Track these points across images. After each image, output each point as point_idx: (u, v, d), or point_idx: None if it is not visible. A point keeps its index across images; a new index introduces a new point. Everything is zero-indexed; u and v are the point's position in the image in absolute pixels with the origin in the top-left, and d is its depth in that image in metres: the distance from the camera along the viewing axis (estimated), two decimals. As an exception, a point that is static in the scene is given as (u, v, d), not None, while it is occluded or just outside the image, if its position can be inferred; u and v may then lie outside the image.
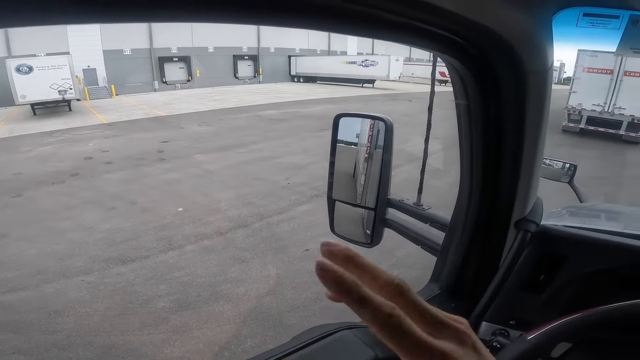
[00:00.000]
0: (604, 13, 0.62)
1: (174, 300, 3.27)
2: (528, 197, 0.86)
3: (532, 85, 0.67)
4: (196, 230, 4.51)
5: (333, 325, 0.75)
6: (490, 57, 0.63)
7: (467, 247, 0.91)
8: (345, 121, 1.00)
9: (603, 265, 0.84)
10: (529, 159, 0.78)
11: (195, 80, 23.16)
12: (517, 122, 0.72)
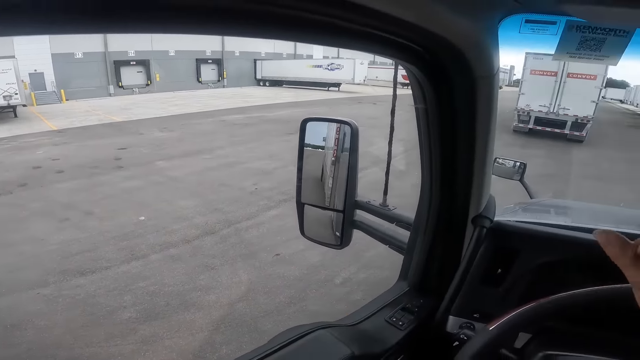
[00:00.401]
0: (543, 19, 0.66)
1: (140, 310, 3.13)
2: (482, 195, 0.90)
3: (480, 88, 0.71)
4: (161, 239, 4.34)
5: (308, 326, 0.76)
6: (443, 62, 0.66)
7: (431, 244, 0.95)
8: (312, 125, 1.01)
9: (552, 257, 0.90)
10: (480, 158, 0.83)
11: (155, 84, 22.24)
12: (469, 124, 0.77)
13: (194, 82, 24.27)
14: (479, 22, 0.62)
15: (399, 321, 0.88)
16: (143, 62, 21.78)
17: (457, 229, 0.93)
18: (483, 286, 0.93)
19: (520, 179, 1.93)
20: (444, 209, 0.90)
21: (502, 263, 0.93)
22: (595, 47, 0.66)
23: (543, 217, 1.63)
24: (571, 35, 0.66)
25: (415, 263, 0.99)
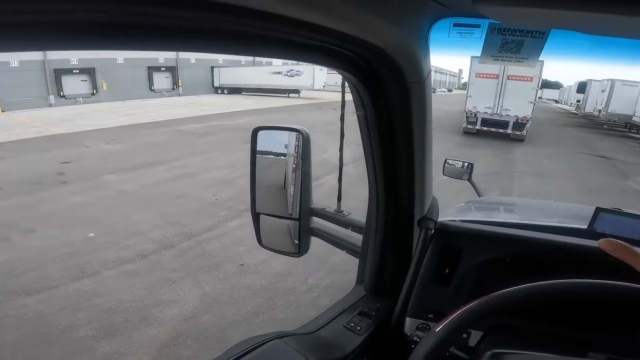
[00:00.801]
0: (468, 23, 0.68)
1: (97, 328, 2.94)
2: (424, 197, 0.93)
3: (413, 93, 0.74)
4: (114, 255, 4.08)
5: (263, 336, 0.74)
6: (377, 69, 0.68)
7: (381, 247, 0.97)
8: (270, 133, 1.00)
9: (493, 254, 0.94)
10: (419, 161, 0.86)
11: (101, 93, 20.90)
12: (405, 128, 0.79)
13: (146, 90, 23.14)
14: (409, 28, 0.64)
15: (357, 326, 0.89)
16: (87, 71, 20.39)
17: (404, 231, 0.96)
18: (434, 286, 0.96)
19: (468, 179, 2.04)
20: (390, 213, 0.93)
21: (449, 263, 0.96)
22: (516, 49, 0.68)
23: (488, 215, 1.74)
24: (493, 38, 0.68)
25: (369, 267, 1.01)
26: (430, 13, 0.65)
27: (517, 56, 0.69)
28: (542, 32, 0.66)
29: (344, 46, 0.59)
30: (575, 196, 6.51)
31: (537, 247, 0.92)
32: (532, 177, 7.76)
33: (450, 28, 0.69)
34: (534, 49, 0.68)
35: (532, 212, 1.87)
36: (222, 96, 25.53)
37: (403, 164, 0.85)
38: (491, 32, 0.68)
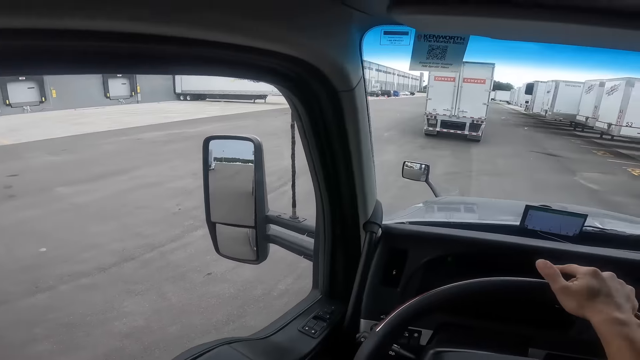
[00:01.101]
0: (397, 30, 0.70)
1: (57, 342, 2.78)
2: (367, 201, 0.96)
3: (345, 102, 0.76)
4: (69, 269, 3.84)
5: (210, 343, 0.73)
6: (307, 81, 0.70)
7: (331, 252, 0.99)
8: (222, 143, 1.00)
9: (435, 254, 0.98)
10: (358, 167, 0.88)
11: (51, 101, 19.54)
12: (340, 137, 0.81)
13: (101, 98, 21.92)
14: (336, 40, 0.65)
15: (312, 329, 0.90)
16: (35, 77, 19.02)
17: (351, 235, 0.98)
18: (384, 287, 0.99)
19: (425, 180, 2.12)
20: (336, 218, 0.95)
21: (396, 264, 1.00)
22: (441, 56, 0.70)
23: (437, 215, 1.79)
24: (420, 45, 0.70)
25: (322, 271, 1.03)
26: (360, 23, 0.67)
27: (442, 62, 0.71)
28: (463, 38, 0.69)
29: (273, 62, 0.61)
30: (526, 193, 6.97)
31: (474, 246, 0.98)
32: (488, 176, 8.21)
33: (381, 36, 0.71)
34: (457, 55, 0.70)
35: (479, 210, 1.96)
36: (185, 103, 24.75)
37: (342, 171, 0.87)
38: (418, 39, 0.70)
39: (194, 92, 25.75)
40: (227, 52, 0.50)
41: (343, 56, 0.68)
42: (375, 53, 0.74)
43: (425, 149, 10.98)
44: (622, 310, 0.54)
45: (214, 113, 18.23)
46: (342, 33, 0.66)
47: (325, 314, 0.95)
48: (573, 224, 1.03)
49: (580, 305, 0.56)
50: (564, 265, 0.62)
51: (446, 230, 1.03)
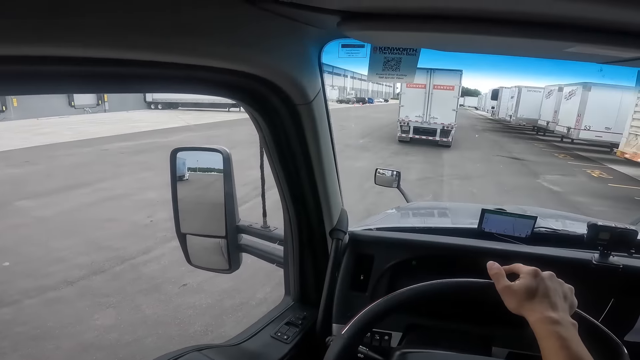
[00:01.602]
0: (354, 43, 0.72)
1: (25, 355, 2.66)
2: (332, 209, 0.98)
3: (303, 114, 0.77)
4: (34, 283, 3.65)
5: (179, 350, 0.73)
6: (265, 96, 0.71)
7: (300, 259, 1.01)
8: (190, 154, 1.00)
9: (399, 258, 1.02)
10: (321, 177, 0.90)
11: (11, 110, 18.46)
12: (301, 148, 0.83)
13: (65, 106, 20.93)
14: (292, 54, 0.67)
15: (284, 335, 0.91)
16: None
17: (318, 242, 1.01)
18: (353, 292, 1.01)
19: (397, 186, 2.16)
20: (302, 226, 0.97)
21: (363, 269, 1.03)
22: (395, 67, 0.73)
23: (405, 221, 1.84)
24: (376, 57, 0.72)
25: (292, 277, 1.04)
26: (316, 37, 0.69)
27: (397, 73, 0.73)
28: (415, 50, 0.71)
29: (228, 78, 0.61)
30: (494, 195, 7.26)
31: (436, 250, 1.03)
32: (458, 180, 8.50)
33: (339, 49, 0.73)
34: (410, 66, 0.72)
35: (443, 215, 2.03)
36: (155, 112, 24.06)
37: (306, 181, 0.89)
38: (373, 52, 0.72)
39: (166, 101, 25.09)
40: (182, 71, 0.51)
41: (299, 71, 0.70)
42: (336, 65, 0.76)
43: (399, 155, 11.23)
44: (557, 309, 0.56)
45: (186, 122, 17.85)
46: (298, 48, 0.68)
47: (298, 319, 0.96)
48: (525, 225, 1.08)
49: (520, 305, 0.59)
50: (510, 266, 0.65)
51: (410, 235, 1.07)
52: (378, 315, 0.67)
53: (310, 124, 0.80)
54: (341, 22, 0.57)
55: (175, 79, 0.54)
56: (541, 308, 0.56)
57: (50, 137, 13.10)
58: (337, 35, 0.69)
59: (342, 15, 0.55)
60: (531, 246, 1.03)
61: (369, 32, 0.59)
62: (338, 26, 0.58)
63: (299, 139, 0.81)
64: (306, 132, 0.80)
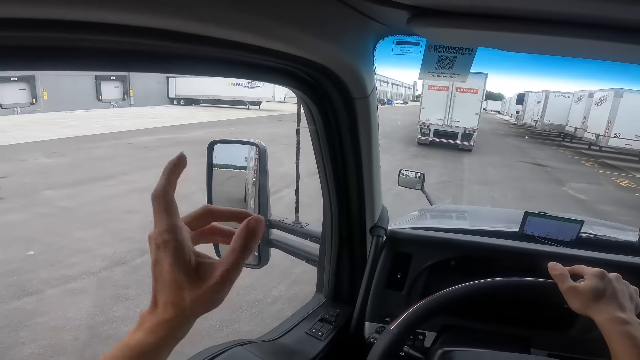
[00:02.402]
0: (409, 41, 0.72)
1: (44, 346, 2.74)
2: (374, 206, 0.98)
3: (359, 108, 0.78)
4: (57, 273, 3.78)
5: (223, 345, 0.74)
6: (324, 86, 0.72)
7: (338, 256, 1.01)
8: (230, 147, 1.01)
9: (439, 258, 1.01)
10: (368, 172, 0.90)
11: (41, 103, 19.30)
12: (353, 142, 0.84)
13: (93, 100, 21.73)
14: (353, 47, 0.68)
15: (319, 332, 0.91)
16: (27, 79, 18.77)
17: (358, 239, 1.01)
18: (389, 291, 1.01)
19: (421, 188, 2.14)
20: (343, 222, 0.97)
21: (400, 268, 1.03)
22: (449, 66, 0.73)
23: (437, 222, 1.85)
24: (430, 55, 0.73)
25: (327, 275, 1.04)
26: (374, 32, 0.70)
27: (450, 72, 0.74)
28: (471, 49, 0.72)
29: (293, 65, 0.63)
30: (515, 202, 7.06)
31: (477, 250, 1.02)
32: (479, 185, 8.31)
33: (393, 45, 0.74)
34: (464, 65, 0.73)
35: (476, 218, 2.01)
36: (177, 107, 24.63)
37: (353, 176, 0.90)
38: (428, 50, 0.72)
39: (188, 97, 25.66)
40: (245, 53, 0.50)
41: (359, 64, 0.70)
42: (386, 62, 0.76)
43: (417, 158, 11.08)
44: (625, 310, 0.58)
45: (206, 119, 18.18)
46: (359, 41, 0.68)
47: (331, 316, 0.97)
48: (570, 229, 1.08)
49: (586, 305, 0.60)
50: (573, 267, 0.66)
51: (449, 235, 1.07)
52: (431, 311, 0.67)
53: (364, 118, 0.81)
54: (412, 18, 0.57)
55: (239, 62, 0.53)
56: (609, 309, 0.58)
57: (78, 130, 13.62)
58: (394, 31, 0.70)
59: (413, 10, 0.55)
60: (578, 250, 1.02)
61: (435, 29, 0.59)
62: (408, 22, 0.58)
63: (352, 133, 0.82)
64: (359, 127, 0.81)
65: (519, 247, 1.00)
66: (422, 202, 2.39)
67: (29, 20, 0.31)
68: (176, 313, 0.36)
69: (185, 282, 0.36)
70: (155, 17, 0.36)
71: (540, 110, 21.45)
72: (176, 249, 0.36)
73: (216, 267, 0.37)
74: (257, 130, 15.01)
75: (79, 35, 0.35)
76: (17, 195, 6.16)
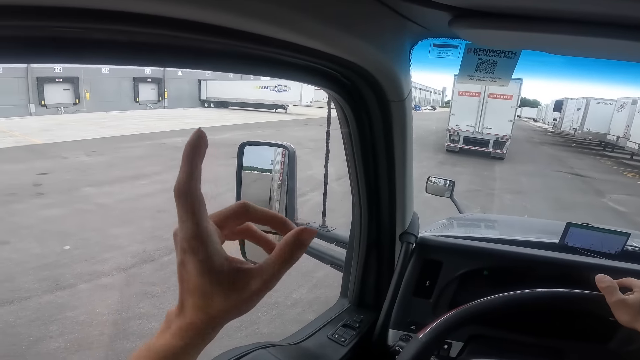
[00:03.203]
0: (447, 43, 0.71)
1: (70, 340, 2.86)
2: (405, 213, 0.97)
3: (394, 112, 0.77)
4: (90, 268, 3.97)
5: (246, 347, 0.75)
6: (360, 88, 0.71)
7: (365, 261, 1.00)
8: (256, 149, 1.02)
9: (470, 267, 0.98)
10: (400, 178, 0.89)
11: (84, 103, 20.52)
12: (387, 147, 0.83)
13: (131, 102, 22.86)
14: (390, 49, 0.67)
15: (341, 337, 0.90)
16: (71, 80, 20.03)
17: (387, 245, 0.99)
18: (416, 298, 0.99)
19: (450, 196, 2.08)
20: (372, 228, 0.96)
21: (429, 275, 1.00)
22: (490, 69, 0.71)
23: (468, 230, 1.79)
24: (470, 58, 0.71)
25: (353, 280, 1.03)
26: (411, 34, 0.68)
27: (491, 76, 0.72)
28: (514, 53, 0.69)
29: (329, 66, 0.62)
30: (550, 212, 6.71)
31: (512, 261, 0.98)
32: (511, 195, 7.98)
33: (430, 48, 0.72)
34: (507, 69, 0.71)
35: (508, 227, 1.94)
36: (208, 110, 25.44)
37: (384, 181, 0.88)
38: (467, 53, 0.71)
39: (218, 100, 26.45)
40: (283, 51, 0.50)
41: (397, 66, 0.69)
42: (421, 65, 0.74)
43: (445, 165, 10.79)
44: None
45: (235, 121, 18.63)
46: (397, 43, 0.67)
47: (355, 322, 0.96)
48: (615, 241, 1.03)
49: (635, 319, 0.59)
50: (622, 279, 0.64)
51: (482, 244, 1.03)
52: (465, 320, 0.66)
53: (400, 122, 0.80)
54: (454, 20, 0.55)
55: (277, 61, 0.53)
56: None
57: (116, 130, 14.36)
58: (431, 34, 0.68)
59: (455, 12, 0.54)
60: (625, 262, 0.97)
61: (477, 31, 0.57)
62: (450, 24, 0.56)
63: (386, 136, 0.81)
64: (394, 131, 0.80)
65: (560, 259, 0.96)
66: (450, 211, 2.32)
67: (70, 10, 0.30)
68: (203, 319, 0.32)
69: (216, 291, 0.32)
70: (192, 9, 0.35)
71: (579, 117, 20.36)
72: (205, 257, 0.31)
73: (253, 276, 0.33)
74: (284, 133, 15.19)
75: (134, 28, 0.34)
76: (58, 192, 6.56)
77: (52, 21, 0.30)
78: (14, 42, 0.31)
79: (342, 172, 1.25)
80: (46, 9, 0.29)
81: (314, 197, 6.13)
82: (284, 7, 0.41)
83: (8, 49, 0.31)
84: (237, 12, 0.37)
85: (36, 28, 0.31)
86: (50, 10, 0.29)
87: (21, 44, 0.31)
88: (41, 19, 0.30)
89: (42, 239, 4.63)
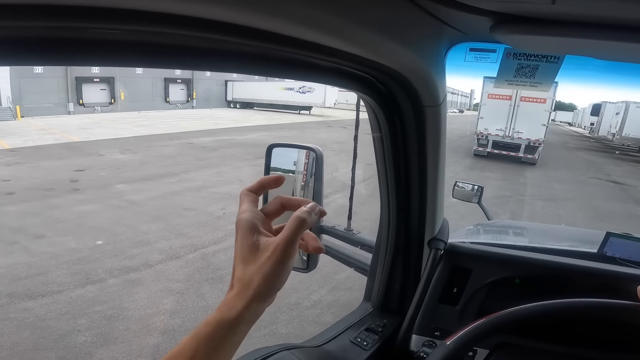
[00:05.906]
0: (484, 47, 0.69)
1: (97, 334, 2.97)
2: (435, 218, 0.95)
3: (429, 117, 0.76)
4: (119, 263, 4.13)
5: (271, 348, 0.76)
6: (394, 93, 0.71)
7: (391, 266, 0.99)
8: (281, 150, 1.03)
9: (500, 275, 0.96)
10: (432, 183, 0.88)
11: (119, 103, 21.51)
12: (419, 152, 0.81)
13: (162, 102, 23.75)
14: (426, 53, 0.66)
15: (364, 341, 0.90)
16: (107, 80, 21.05)
17: (414, 251, 0.98)
18: (442, 305, 0.98)
19: (478, 202, 2.03)
20: (401, 233, 0.95)
21: (457, 282, 0.99)
22: (530, 74, 0.69)
23: (497, 237, 1.74)
24: (509, 63, 0.69)
25: (377, 284, 1.03)
26: (447, 38, 0.67)
27: (531, 81, 0.70)
28: (557, 57, 0.67)
29: (364, 70, 0.62)
30: (584, 221, 6.38)
31: (547, 269, 0.95)
32: (542, 201, 7.64)
33: (466, 53, 0.71)
34: (549, 74, 0.68)
35: (541, 235, 1.87)
36: (234, 110, 26.00)
37: (416, 186, 0.88)
38: (506, 57, 0.69)
39: (243, 100, 27.00)
40: (319, 55, 0.50)
41: (432, 70, 0.68)
42: (456, 69, 0.73)
43: (473, 170, 10.48)
44: None
45: (260, 122, 18.94)
46: (433, 47, 0.66)
47: (378, 326, 0.95)
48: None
49: None
50: None
51: (514, 252, 1.01)
52: (496, 329, 0.64)
53: (434, 128, 0.79)
54: (495, 25, 0.55)
55: (311, 65, 0.53)
56: None
57: (147, 129, 14.96)
58: (468, 37, 0.67)
59: (496, 17, 0.53)
60: None
61: (520, 37, 0.56)
62: (491, 30, 0.55)
63: (420, 142, 0.80)
64: (427, 136, 0.79)
65: (598, 269, 0.92)
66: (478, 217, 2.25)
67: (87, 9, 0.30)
68: (239, 289, 0.40)
69: (248, 257, 0.40)
70: (224, 10, 0.34)
71: (618, 122, 19.22)
72: (245, 228, 0.41)
73: (271, 243, 0.41)
74: (308, 135, 15.29)
75: (158, 28, 0.34)
76: (93, 188, 6.90)
77: (84, 22, 0.30)
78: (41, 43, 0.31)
79: (366, 174, 1.24)
80: (68, 9, 0.29)
81: (336, 199, 6.13)
82: (331, 15, 0.41)
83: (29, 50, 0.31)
84: (288, 19, 0.38)
85: (56, 29, 0.31)
86: (78, 10, 0.29)
87: (38, 44, 0.31)
88: (57, 20, 0.30)
89: (77, 234, 4.86)
